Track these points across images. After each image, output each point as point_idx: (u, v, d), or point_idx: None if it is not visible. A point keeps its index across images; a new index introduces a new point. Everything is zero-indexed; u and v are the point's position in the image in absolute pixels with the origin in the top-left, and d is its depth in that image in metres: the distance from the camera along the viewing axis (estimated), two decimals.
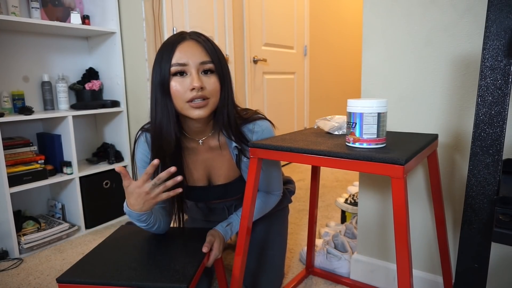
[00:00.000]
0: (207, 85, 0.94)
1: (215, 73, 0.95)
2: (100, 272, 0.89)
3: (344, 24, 3.93)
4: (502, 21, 0.59)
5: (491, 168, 0.62)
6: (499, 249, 1.06)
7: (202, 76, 0.94)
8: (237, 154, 1.06)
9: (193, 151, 1.08)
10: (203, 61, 0.93)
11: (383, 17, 1.16)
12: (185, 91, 0.92)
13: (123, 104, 2.01)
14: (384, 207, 1.27)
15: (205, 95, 0.93)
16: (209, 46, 0.95)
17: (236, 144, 1.04)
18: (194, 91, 0.91)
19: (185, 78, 0.93)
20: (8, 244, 1.62)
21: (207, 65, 0.94)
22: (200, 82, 0.91)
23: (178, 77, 0.93)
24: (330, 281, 1.37)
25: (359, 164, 0.77)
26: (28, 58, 1.85)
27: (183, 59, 0.92)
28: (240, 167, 1.09)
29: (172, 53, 0.92)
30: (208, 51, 0.94)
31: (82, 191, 1.85)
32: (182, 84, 0.92)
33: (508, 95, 0.60)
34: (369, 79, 1.22)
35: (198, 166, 1.10)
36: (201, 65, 0.93)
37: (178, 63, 0.91)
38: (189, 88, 0.92)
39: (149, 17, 1.90)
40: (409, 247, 0.74)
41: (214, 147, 1.08)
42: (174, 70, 0.92)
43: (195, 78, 0.91)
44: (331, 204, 2.17)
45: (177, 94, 0.93)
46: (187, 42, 0.94)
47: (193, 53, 0.92)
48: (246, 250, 0.99)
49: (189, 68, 0.92)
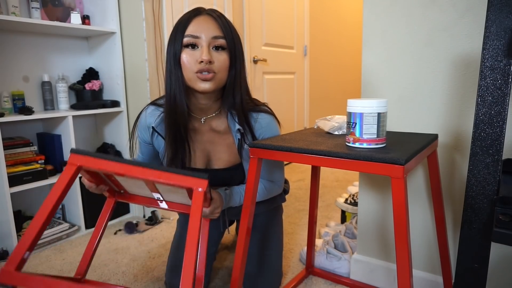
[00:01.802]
0: (216, 60, 0.95)
1: (226, 50, 0.97)
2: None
3: (344, 24, 3.93)
4: (502, 21, 0.59)
5: (491, 168, 0.62)
6: (499, 249, 1.06)
7: (213, 51, 0.96)
8: (240, 138, 1.05)
9: (195, 131, 1.08)
10: (216, 35, 0.95)
11: (383, 17, 1.16)
12: (194, 62, 0.94)
13: (123, 104, 2.01)
14: (384, 207, 1.27)
15: (213, 69, 0.95)
16: (224, 23, 0.97)
17: (240, 127, 1.03)
18: (202, 64, 0.93)
19: (196, 51, 0.95)
20: (8, 244, 1.62)
21: (219, 40, 0.95)
22: (209, 56, 0.93)
23: (189, 49, 0.95)
24: (330, 281, 1.37)
25: (359, 164, 0.77)
26: (28, 58, 1.85)
27: (196, 32, 0.94)
28: (241, 153, 1.07)
29: (186, 26, 0.95)
30: (222, 27, 0.96)
31: (82, 191, 1.85)
32: (192, 56, 0.95)
33: (508, 95, 0.60)
34: (369, 79, 1.22)
35: (198, 147, 1.09)
36: (213, 40, 0.95)
37: (191, 34, 0.94)
38: (198, 61, 0.94)
39: (149, 17, 1.90)
40: (409, 247, 0.74)
41: (216, 129, 1.08)
42: (186, 42, 0.94)
43: (204, 51, 0.93)
44: (331, 204, 2.17)
45: (187, 65, 0.95)
46: (202, 17, 0.96)
47: (207, 27, 0.94)
48: (246, 250, 0.99)
49: (201, 41, 0.94)
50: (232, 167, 1.13)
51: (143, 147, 1.15)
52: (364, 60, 1.22)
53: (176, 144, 1.02)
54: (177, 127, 1.00)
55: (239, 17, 2.56)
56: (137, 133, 1.13)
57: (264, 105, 1.11)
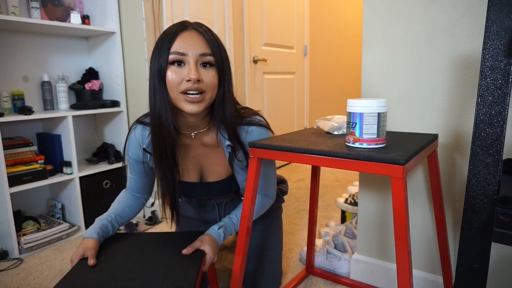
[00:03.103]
0: (205, 78, 0.90)
1: (214, 67, 0.92)
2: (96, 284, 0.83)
3: (344, 24, 3.92)
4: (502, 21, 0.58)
5: (491, 168, 0.62)
6: (499, 249, 1.06)
7: (201, 68, 0.91)
8: (230, 152, 1.03)
9: (185, 147, 1.06)
10: (203, 52, 0.90)
11: (383, 17, 1.16)
12: (180, 81, 0.89)
13: (123, 104, 2.01)
14: (384, 207, 1.27)
15: (202, 88, 0.90)
16: (211, 38, 0.92)
17: (230, 143, 1.01)
18: (190, 83, 0.88)
19: (183, 68, 0.90)
20: (8, 244, 1.62)
21: (207, 57, 0.90)
22: (197, 74, 0.88)
23: (175, 66, 0.90)
24: (330, 281, 1.37)
25: (359, 164, 0.77)
26: (28, 58, 1.85)
27: (183, 48, 0.89)
28: (232, 166, 1.06)
29: (172, 41, 0.89)
30: (209, 43, 0.91)
31: (82, 191, 1.85)
32: (178, 74, 0.89)
33: (508, 95, 0.60)
34: (369, 79, 1.22)
35: (190, 161, 1.08)
36: (200, 57, 0.90)
37: (177, 51, 0.89)
38: (185, 79, 0.89)
39: (149, 17, 1.90)
40: (409, 247, 0.74)
41: (207, 143, 1.06)
42: (172, 59, 0.89)
43: (192, 70, 0.88)
44: (331, 204, 2.17)
45: (172, 83, 0.89)
46: (189, 32, 0.91)
47: (193, 44, 0.90)
48: (246, 250, 0.99)
49: (188, 58, 0.89)
50: (226, 179, 1.12)
51: (135, 167, 1.11)
52: (364, 60, 1.22)
53: (163, 163, 0.99)
54: (163, 148, 0.96)
55: (239, 17, 2.56)
56: (128, 155, 1.08)
57: (257, 113, 1.07)
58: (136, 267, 0.91)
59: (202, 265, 0.95)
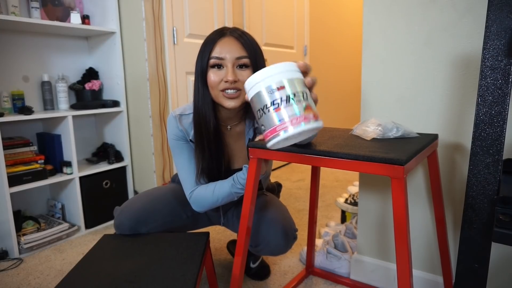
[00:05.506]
0: (241, 77, 1.03)
1: (250, 67, 1.05)
2: (95, 286, 0.83)
3: (344, 24, 3.92)
4: (502, 21, 0.58)
5: (491, 168, 0.62)
6: (499, 249, 1.06)
7: (237, 70, 1.03)
8: (250, 138, 1.15)
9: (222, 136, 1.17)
10: (239, 56, 1.02)
11: (383, 17, 1.16)
12: (219, 81, 1.03)
13: (123, 104, 2.01)
14: (384, 207, 1.27)
15: (238, 86, 1.03)
16: (246, 42, 1.05)
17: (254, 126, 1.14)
18: (228, 83, 1.01)
19: (221, 70, 1.03)
20: (8, 244, 1.62)
21: (243, 60, 1.03)
22: (233, 76, 1.01)
23: (215, 69, 1.03)
24: (330, 281, 1.37)
25: (359, 164, 0.77)
26: (28, 58, 1.85)
27: (221, 53, 1.02)
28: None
29: (212, 47, 1.03)
30: (245, 47, 1.04)
31: (82, 191, 1.85)
32: (218, 76, 1.03)
33: (508, 95, 0.60)
34: (369, 79, 1.22)
35: (224, 150, 1.17)
36: (236, 60, 1.02)
37: (216, 56, 1.02)
38: (223, 80, 1.02)
39: (149, 17, 1.90)
40: (409, 247, 0.74)
41: (240, 133, 1.18)
42: (212, 63, 1.03)
43: (229, 72, 1.01)
44: (331, 204, 2.17)
45: (213, 83, 1.03)
46: (227, 38, 1.04)
47: (230, 49, 1.02)
48: (246, 250, 0.99)
49: (226, 62, 1.02)
50: None
51: (183, 148, 1.13)
52: (364, 60, 1.22)
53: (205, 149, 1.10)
54: (206, 138, 1.08)
55: (239, 17, 2.56)
56: (173, 139, 1.13)
57: None
58: (135, 269, 0.91)
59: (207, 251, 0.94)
